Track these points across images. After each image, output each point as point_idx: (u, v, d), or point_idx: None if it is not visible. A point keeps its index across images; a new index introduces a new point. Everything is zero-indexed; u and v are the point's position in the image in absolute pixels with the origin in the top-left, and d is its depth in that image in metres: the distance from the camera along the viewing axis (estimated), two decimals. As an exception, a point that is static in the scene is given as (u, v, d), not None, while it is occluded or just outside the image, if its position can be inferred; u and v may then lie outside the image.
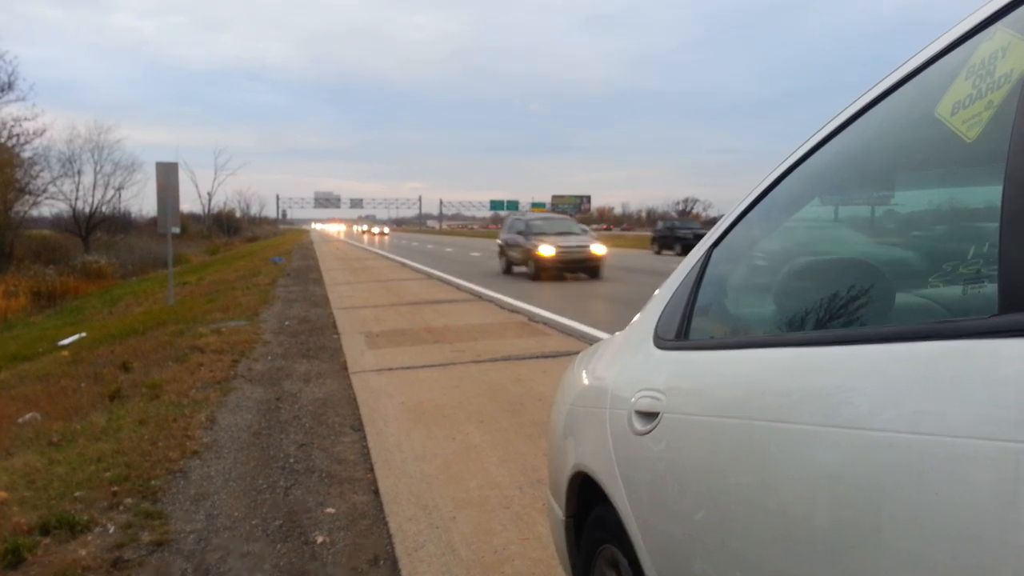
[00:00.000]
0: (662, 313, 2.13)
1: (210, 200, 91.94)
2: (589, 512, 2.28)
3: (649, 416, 1.85)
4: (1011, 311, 1.00)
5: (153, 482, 4.60)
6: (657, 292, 2.26)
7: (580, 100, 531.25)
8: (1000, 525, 0.90)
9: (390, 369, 8.08)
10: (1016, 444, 0.90)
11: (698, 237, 4.85)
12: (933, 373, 1.09)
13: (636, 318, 2.34)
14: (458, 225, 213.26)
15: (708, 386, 1.74)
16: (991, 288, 1.07)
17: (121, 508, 4.19)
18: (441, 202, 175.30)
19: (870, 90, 1.52)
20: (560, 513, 2.49)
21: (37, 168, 44.99)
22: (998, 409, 0.94)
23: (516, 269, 21.51)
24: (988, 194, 1.16)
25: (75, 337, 13.52)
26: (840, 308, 1.56)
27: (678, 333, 2.01)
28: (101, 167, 55.46)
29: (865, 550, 1.11)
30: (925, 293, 1.49)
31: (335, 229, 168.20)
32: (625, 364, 2.23)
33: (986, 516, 0.93)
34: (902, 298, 1.51)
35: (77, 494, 4.34)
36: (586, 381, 2.51)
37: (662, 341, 2.05)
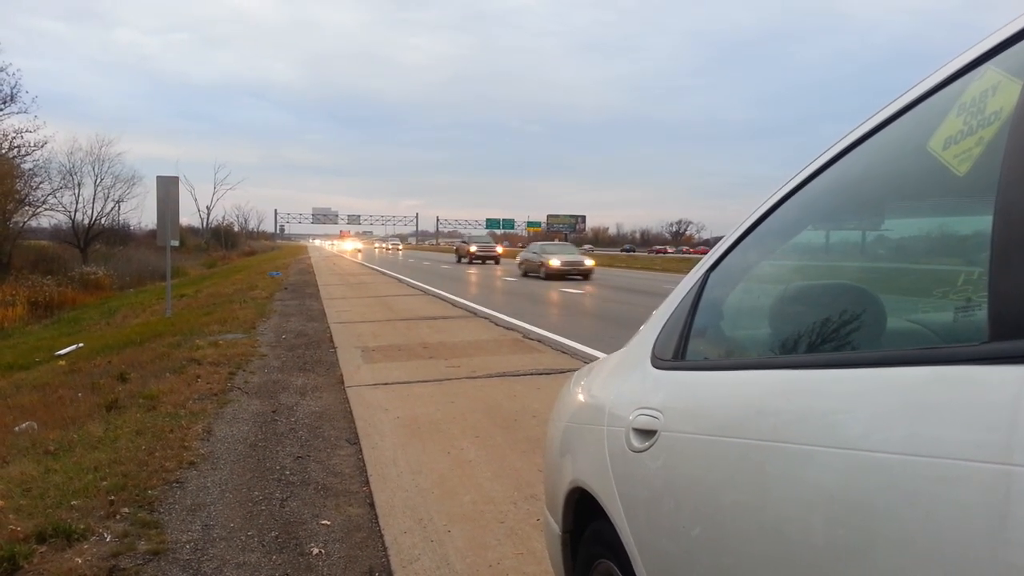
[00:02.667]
0: (659, 334, 2.18)
1: (209, 214, 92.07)
2: (585, 527, 2.32)
3: (646, 434, 1.88)
4: (1001, 339, 1.03)
5: (150, 492, 4.61)
6: (655, 313, 2.31)
7: (579, 123, 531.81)
8: (989, 544, 0.94)
9: (386, 384, 8.11)
10: (1005, 466, 0.94)
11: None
12: (926, 397, 1.12)
13: (634, 339, 2.38)
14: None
15: (705, 406, 1.78)
16: (981, 315, 1.11)
17: (118, 517, 4.21)
18: (438, 219, 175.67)
19: (865, 123, 1.57)
20: (556, 528, 2.52)
21: (37, 180, 45.18)
22: (989, 433, 0.98)
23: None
24: (978, 225, 1.20)
25: (72, 347, 13.51)
26: (833, 332, 1.60)
27: (675, 354, 2.05)
28: (101, 180, 55.84)
29: (858, 568, 1.15)
30: (916, 319, 1.54)
31: (347, 247, 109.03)
32: (623, 383, 2.27)
33: (976, 536, 0.96)
34: (894, 323, 1.55)
35: (74, 503, 4.36)
36: (583, 399, 2.55)
37: (659, 361, 2.09)
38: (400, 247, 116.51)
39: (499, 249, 48.44)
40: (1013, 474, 0.93)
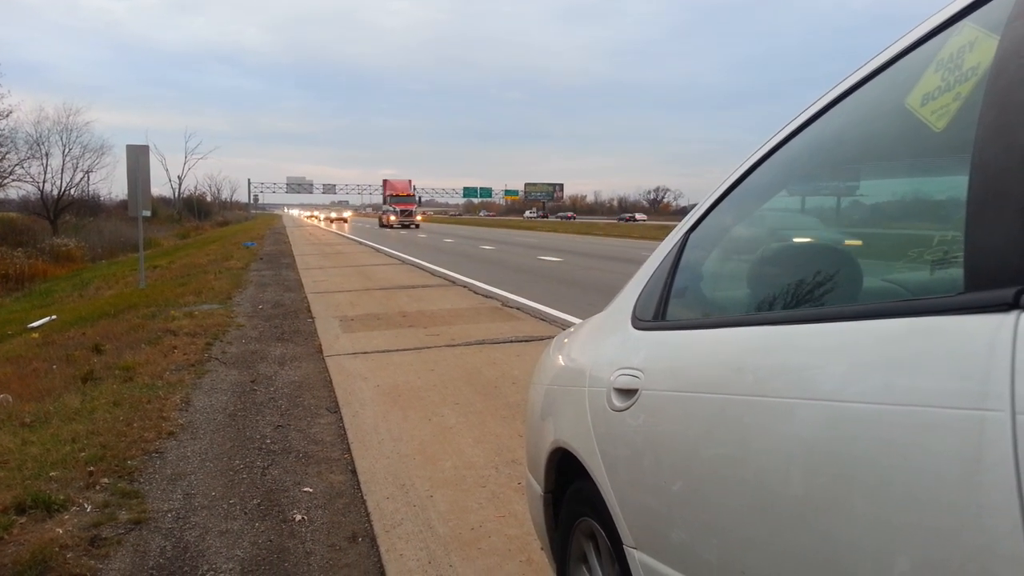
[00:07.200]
0: (640, 295, 2.19)
1: (180, 184, 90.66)
2: (567, 487, 2.35)
3: (627, 393, 1.91)
4: (977, 290, 1.05)
5: (129, 462, 4.60)
6: (635, 275, 2.32)
7: (556, 90, 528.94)
8: (965, 488, 0.96)
9: (365, 352, 8.10)
10: (980, 412, 0.96)
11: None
12: (902, 348, 1.14)
13: (614, 301, 2.40)
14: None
15: (685, 364, 1.81)
16: (955, 271, 1.13)
17: (98, 488, 4.20)
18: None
19: (842, 81, 1.58)
20: (538, 489, 2.55)
21: (3, 150, 44.07)
22: (964, 381, 1.00)
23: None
24: (955, 181, 1.22)
25: (45, 320, 13.34)
26: (810, 290, 1.62)
27: (656, 314, 2.07)
28: (70, 150, 54.64)
29: (837, 515, 1.17)
30: (892, 277, 1.56)
31: None
32: (604, 344, 2.29)
33: (951, 480, 0.98)
34: (870, 281, 1.57)
35: (52, 474, 4.34)
36: (564, 362, 2.56)
37: (640, 322, 2.11)
38: None
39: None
40: (987, 419, 0.95)
